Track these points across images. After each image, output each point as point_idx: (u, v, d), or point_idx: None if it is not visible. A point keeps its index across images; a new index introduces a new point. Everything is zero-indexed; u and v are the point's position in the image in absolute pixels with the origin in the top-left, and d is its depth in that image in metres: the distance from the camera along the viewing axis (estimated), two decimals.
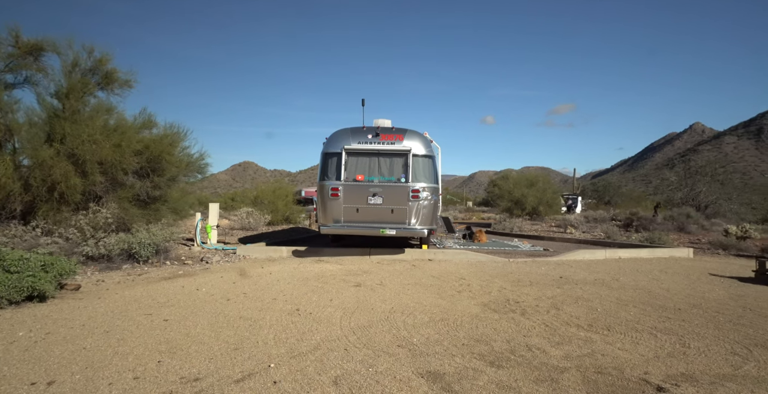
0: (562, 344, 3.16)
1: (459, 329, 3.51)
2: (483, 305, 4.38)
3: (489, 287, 5.32)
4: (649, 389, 2.35)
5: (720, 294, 5.00)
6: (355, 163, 7.61)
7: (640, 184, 32.70)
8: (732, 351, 3.00)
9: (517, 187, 21.19)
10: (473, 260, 7.96)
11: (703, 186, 18.78)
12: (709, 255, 9.09)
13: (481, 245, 11.18)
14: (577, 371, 2.61)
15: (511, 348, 3.03)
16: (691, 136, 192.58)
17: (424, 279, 5.82)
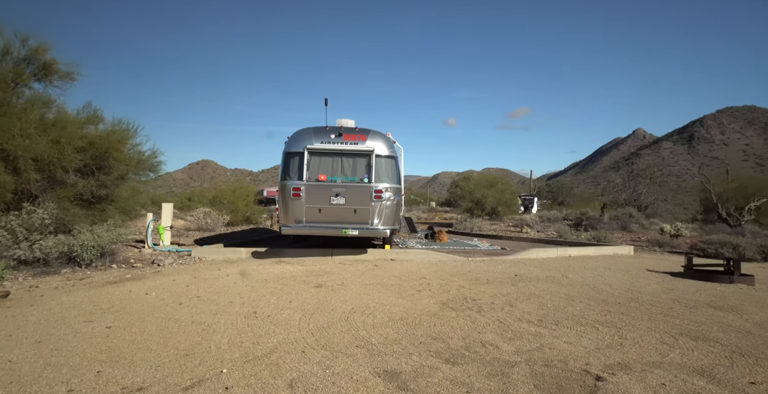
0: (514, 339, 3.30)
1: (417, 327, 3.56)
2: (442, 304, 4.48)
3: (448, 286, 5.44)
4: (589, 379, 2.51)
5: (654, 288, 5.42)
6: (317, 163, 7.53)
7: (590, 186, 34.88)
8: (661, 340, 3.27)
9: (477, 188, 21.86)
10: (434, 259, 8.11)
11: (644, 188, 20.36)
12: (648, 252, 9.84)
13: (443, 244, 11.41)
14: (526, 365, 2.74)
15: (467, 345, 3.12)
16: (634, 141, 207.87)
17: (386, 279, 5.86)
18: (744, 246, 8.35)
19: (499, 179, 22.86)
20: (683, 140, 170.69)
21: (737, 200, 14.86)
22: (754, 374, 2.61)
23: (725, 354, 2.98)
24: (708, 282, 5.87)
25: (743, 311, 4.24)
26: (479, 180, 23.16)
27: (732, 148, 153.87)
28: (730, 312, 4.19)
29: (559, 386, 2.43)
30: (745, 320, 3.89)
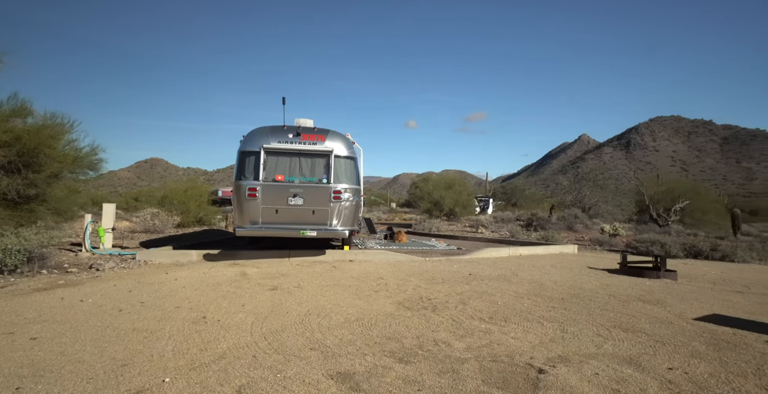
0: (465, 336, 3.42)
1: (373, 328, 3.59)
2: (398, 304, 4.54)
3: (405, 286, 5.52)
4: (532, 372, 2.66)
5: (594, 284, 5.84)
6: (274, 163, 7.36)
7: (541, 188, 36.83)
8: (597, 333, 3.53)
9: (436, 189, 22.35)
10: (392, 259, 8.20)
11: (588, 190, 21.89)
12: (590, 251, 10.57)
13: (401, 245, 11.55)
14: (475, 361, 2.85)
15: (420, 344, 3.19)
16: (579, 146, 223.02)
17: (344, 280, 5.84)
18: (670, 244, 9.22)
19: (456, 181, 23.53)
20: (621, 146, 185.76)
21: (666, 201, 16.39)
22: (672, 361, 2.89)
23: (650, 343, 3.27)
24: (639, 278, 6.41)
25: (666, 303, 4.68)
26: (438, 181, 23.70)
27: (662, 154, 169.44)
28: (656, 305, 4.60)
29: (504, 380, 2.55)
30: (667, 312, 4.29)
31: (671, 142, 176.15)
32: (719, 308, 4.48)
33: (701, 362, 2.86)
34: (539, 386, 2.45)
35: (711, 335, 3.52)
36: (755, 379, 2.59)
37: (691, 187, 18.71)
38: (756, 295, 5.27)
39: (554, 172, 63.18)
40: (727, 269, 7.61)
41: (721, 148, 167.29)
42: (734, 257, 8.51)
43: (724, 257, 8.62)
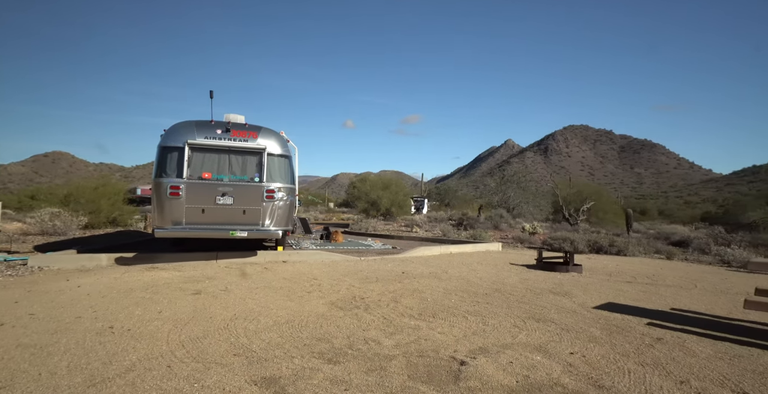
0: (395, 334, 3.51)
1: (303, 329, 3.53)
2: (331, 304, 4.51)
3: (339, 286, 5.51)
4: (455, 364, 2.82)
5: (514, 279, 6.34)
6: (201, 160, 6.89)
7: (471, 189, 39.09)
8: (514, 324, 3.84)
9: (373, 189, 22.61)
10: (327, 260, 8.12)
11: (512, 192, 23.74)
12: (512, 248, 11.45)
13: (337, 244, 11.49)
14: (403, 357, 2.94)
15: (350, 343, 3.21)
16: (506, 150, 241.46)
17: (275, 282, 5.66)
18: (578, 241, 10.33)
19: (393, 181, 24.01)
20: (541, 151, 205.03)
21: (576, 203, 18.39)
22: (573, 346, 3.24)
23: (557, 331, 3.64)
24: (552, 272, 7.09)
25: (572, 294, 5.24)
26: (375, 182, 23.99)
27: (573, 159, 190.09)
28: (564, 296, 5.13)
29: (429, 374, 2.67)
30: (573, 302, 4.81)
31: (581, 149, 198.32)
32: (613, 297, 5.13)
33: (596, 346, 3.25)
34: (460, 377, 2.60)
35: (606, 321, 4.01)
36: (635, 357, 3.00)
37: (596, 190, 21.24)
38: (641, 284, 6.11)
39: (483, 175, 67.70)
40: (621, 262, 8.73)
41: (619, 156, 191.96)
42: (626, 252, 9.81)
43: (619, 251, 9.89)
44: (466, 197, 34.78)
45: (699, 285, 6.14)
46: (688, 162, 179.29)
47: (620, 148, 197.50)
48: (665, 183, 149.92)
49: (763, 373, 2.74)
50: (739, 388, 2.48)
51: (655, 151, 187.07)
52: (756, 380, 2.61)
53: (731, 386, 2.50)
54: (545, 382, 2.55)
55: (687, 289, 5.82)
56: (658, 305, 4.73)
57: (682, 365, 2.85)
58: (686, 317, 4.25)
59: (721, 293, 5.58)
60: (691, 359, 2.96)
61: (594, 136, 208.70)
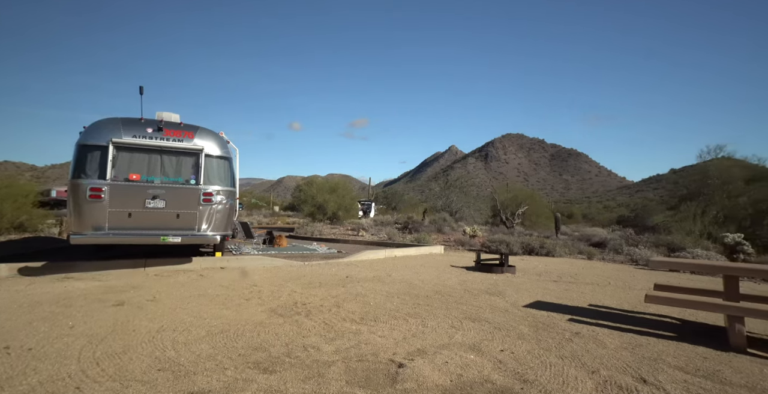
0: (335, 339, 3.50)
1: (239, 339, 3.39)
2: (270, 311, 4.38)
3: (280, 292, 5.37)
4: (393, 367, 2.87)
5: (454, 281, 6.60)
6: (127, 160, 6.36)
7: (417, 193, 40.00)
8: (451, 325, 4.01)
9: (320, 192, 22.27)
10: (269, 265, 7.88)
11: (455, 196, 24.74)
12: (454, 250, 11.91)
13: (281, 249, 11.19)
14: (342, 363, 2.94)
15: (288, 351, 3.15)
16: (449, 156, 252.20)
17: (211, 289, 5.37)
18: (513, 243, 11.03)
19: (340, 185, 23.83)
20: (482, 157, 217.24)
21: (512, 207, 19.65)
22: (504, 344, 3.46)
23: (490, 330, 3.86)
24: (489, 273, 7.49)
25: (505, 294, 5.58)
26: (322, 185, 23.64)
27: (510, 166, 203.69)
28: (498, 296, 5.45)
29: (367, 378, 2.70)
30: (505, 302, 5.13)
31: (517, 156, 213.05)
32: (541, 296, 5.55)
33: (524, 342, 3.50)
34: (397, 379, 2.66)
35: (533, 318, 4.33)
36: (556, 351, 3.28)
37: (530, 195, 22.87)
38: (564, 283, 6.68)
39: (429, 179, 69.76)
40: (549, 262, 9.46)
41: (550, 163, 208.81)
42: (554, 253, 10.66)
43: (548, 252, 10.71)
44: (413, 200, 35.54)
45: (612, 282, 6.85)
46: (606, 170, 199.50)
47: (551, 156, 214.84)
48: (588, 189, 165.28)
49: (656, 359, 3.13)
50: (638, 374, 2.82)
51: (580, 159, 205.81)
52: (651, 366, 2.98)
53: (631, 373, 2.83)
54: (477, 379, 2.69)
55: (602, 286, 6.47)
56: (578, 302, 5.20)
57: (594, 356, 3.16)
58: (600, 312, 4.72)
59: (629, 289, 6.27)
60: (602, 351, 3.30)
61: (529, 145, 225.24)
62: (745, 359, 3.19)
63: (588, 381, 2.68)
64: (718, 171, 14.58)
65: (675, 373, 2.86)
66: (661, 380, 2.71)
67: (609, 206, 64.24)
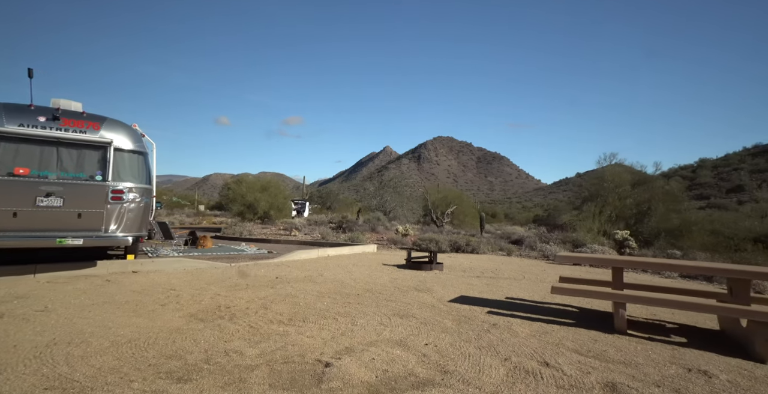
0: (260, 342, 3.37)
1: (150, 348, 3.11)
2: (190, 316, 4.09)
3: (202, 296, 5.03)
4: (320, 367, 2.85)
5: (385, 279, 6.74)
6: (13, 152, 5.52)
7: (353, 193, 40.06)
8: (380, 322, 4.09)
9: (250, 191, 21.27)
10: (191, 267, 7.35)
11: (389, 196, 25.25)
12: (387, 249, 12.14)
13: (205, 250, 10.50)
14: (266, 366, 2.84)
15: (207, 357, 2.96)
16: (384, 156, 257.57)
17: (120, 295, 4.86)
18: (441, 241, 11.57)
19: (273, 183, 22.99)
20: (415, 158, 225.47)
21: (442, 206, 20.63)
22: (428, 338, 3.62)
23: (417, 326, 4.01)
24: (418, 271, 7.77)
25: (433, 290, 5.84)
26: (253, 183, 22.59)
27: (441, 167, 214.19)
28: (426, 292, 5.67)
29: (292, 379, 2.64)
30: (432, 297, 5.36)
31: (447, 158, 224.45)
32: (464, 290, 5.90)
33: (447, 336, 3.69)
34: (323, 379, 2.65)
35: (457, 312, 4.58)
36: (475, 342, 3.52)
37: (458, 196, 24.22)
38: (486, 278, 7.18)
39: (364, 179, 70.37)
40: (473, 259, 10.09)
41: (476, 165, 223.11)
42: (479, 250, 11.40)
43: (473, 250, 11.42)
44: (348, 200, 35.52)
45: (526, 276, 7.52)
46: (525, 173, 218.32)
47: (477, 159, 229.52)
48: (510, 190, 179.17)
49: (558, 344, 3.51)
50: (542, 358, 3.13)
51: (503, 162, 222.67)
52: (553, 350, 3.34)
53: (537, 358, 3.14)
54: (401, 373, 2.78)
55: (518, 280, 7.07)
56: (497, 295, 5.62)
57: (507, 345, 3.44)
58: (515, 304, 5.16)
59: (540, 282, 6.94)
60: (514, 339, 3.61)
61: (458, 147, 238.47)
62: (625, 339, 3.72)
63: (500, 368, 2.92)
64: (611, 176, 16.80)
65: (572, 355, 3.23)
66: (560, 363, 3.04)
67: (527, 206, 70.33)
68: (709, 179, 65.05)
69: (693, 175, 67.36)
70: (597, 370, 2.93)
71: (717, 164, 72.65)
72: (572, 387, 2.62)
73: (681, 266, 4.03)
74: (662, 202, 15.34)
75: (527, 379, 2.73)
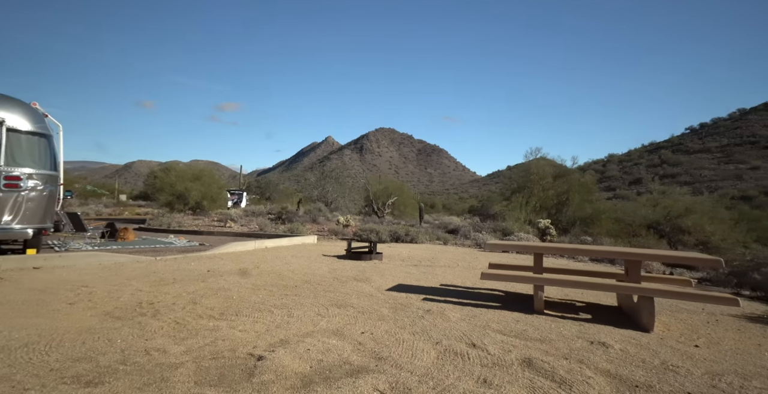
0: (187, 338, 3.18)
1: (53, 351, 2.78)
2: (105, 315, 3.73)
3: (120, 292, 4.62)
4: (252, 361, 2.76)
5: (324, 270, 6.69)
6: None
7: (294, 183, 38.97)
8: (318, 313, 4.06)
9: (180, 180, 19.78)
10: (108, 262, 6.69)
11: (330, 187, 24.98)
12: (327, 240, 12.05)
13: (126, 243, 9.63)
14: (193, 363, 2.69)
15: (124, 358, 2.73)
16: (326, 146, 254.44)
17: (16, 295, 4.28)
18: (382, 232, 11.75)
19: (206, 172, 21.58)
20: (357, 149, 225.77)
21: (384, 197, 20.90)
22: (365, 326, 3.67)
23: (354, 315, 4.04)
24: (358, 261, 7.83)
25: (371, 280, 5.92)
26: (183, 172, 20.99)
27: (383, 158, 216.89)
28: (364, 282, 5.74)
29: (221, 375, 2.53)
30: (371, 287, 5.44)
31: (389, 150, 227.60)
32: (402, 279, 6.06)
33: (383, 323, 3.77)
34: (255, 372, 2.57)
35: (394, 300, 4.70)
36: (410, 328, 3.63)
37: (399, 187, 24.69)
38: (423, 267, 7.45)
39: (305, 169, 68.80)
40: (412, 248, 10.39)
41: (417, 158, 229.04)
42: (417, 240, 11.77)
43: (412, 240, 11.76)
44: (288, 190, 34.49)
45: (460, 264, 7.93)
46: (461, 165, 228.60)
47: (418, 151, 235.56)
48: (447, 182, 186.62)
49: (485, 326, 3.77)
50: (470, 340, 3.34)
51: (441, 155, 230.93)
52: (480, 332, 3.57)
53: (465, 340, 3.34)
54: (336, 362, 2.79)
55: (452, 268, 7.43)
56: (432, 283, 5.85)
57: (439, 329, 3.61)
58: (449, 290, 5.42)
59: (472, 268, 7.36)
60: (446, 324, 3.80)
61: (399, 139, 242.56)
62: (543, 318, 4.09)
63: (432, 351, 3.06)
64: (536, 169, 18.28)
65: (496, 336, 3.48)
66: (485, 343, 3.26)
67: (463, 197, 73.96)
68: (615, 173, 73.86)
69: (603, 169, 76.06)
70: (517, 348, 3.19)
71: (622, 159, 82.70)
72: (495, 365, 2.83)
73: (590, 251, 4.51)
74: (578, 193, 17.03)
75: (455, 360, 2.90)
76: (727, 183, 56.76)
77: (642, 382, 2.63)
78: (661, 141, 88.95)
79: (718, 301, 3.57)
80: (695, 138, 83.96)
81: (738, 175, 59.56)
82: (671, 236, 12.58)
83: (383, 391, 2.37)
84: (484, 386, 2.47)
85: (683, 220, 12.98)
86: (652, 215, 14.27)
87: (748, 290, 6.07)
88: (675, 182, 54.24)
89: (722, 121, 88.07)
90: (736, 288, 6.27)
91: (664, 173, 66.63)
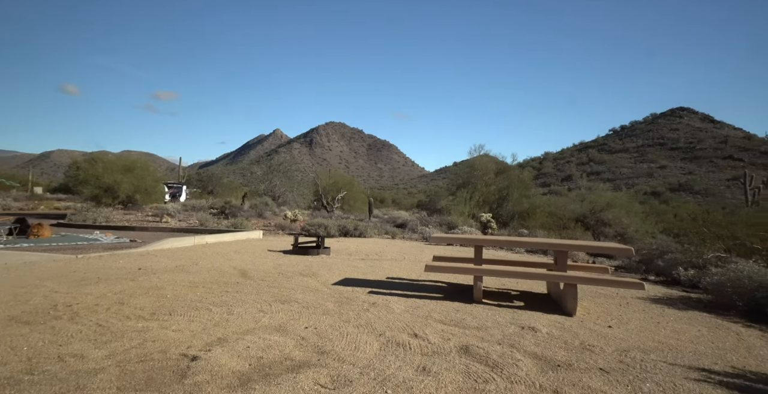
0: (111, 341, 2.92)
1: None
2: (8, 319, 3.33)
3: (30, 294, 4.14)
4: (185, 362, 2.61)
5: (269, 265, 6.49)
6: None
7: (239, 177, 37.19)
8: (260, 309, 3.92)
9: (108, 172, 18.04)
10: (17, 261, 5.98)
11: (278, 180, 24.23)
12: (273, 235, 11.69)
13: (41, 241, 8.65)
14: (116, 367, 2.48)
15: (31, 367, 2.44)
16: (274, 139, 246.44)
17: None
18: (331, 226, 11.64)
19: (139, 164, 19.86)
20: (306, 143, 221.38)
21: (333, 192, 20.70)
22: (309, 321, 3.62)
23: (298, 310, 3.96)
24: (305, 256, 7.69)
25: (318, 274, 5.85)
26: (112, 163, 19.13)
27: (333, 153, 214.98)
28: (310, 277, 5.65)
29: (149, 378, 2.36)
30: (317, 281, 5.37)
31: (339, 144, 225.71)
32: (349, 273, 6.05)
33: (328, 317, 3.74)
34: (188, 374, 2.43)
35: (339, 294, 4.67)
36: (354, 321, 3.64)
37: (349, 181, 24.59)
38: (371, 260, 7.50)
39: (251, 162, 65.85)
40: (360, 243, 10.42)
41: (367, 152, 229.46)
42: (366, 234, 11.82)
43: (361, 234, 11.79)
44: (233, 184, 32.87)
45: (407, 257, 8.09)
46: (410, 161, 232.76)
47: (368, 146, 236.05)
48: (397, 177, 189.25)
49: (427, 317, 3.89)
50: (413, 331, 3.43)
51: (391, 150, 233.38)
52: (422, 323, 3.68)
53: (408, 331, 3.42)
54: (277, 359, 2.72)
55: (399, 261, 7.56)
56: (378, 276, 5.91)
57: (383, 322, 3.66)
58: (395, 283, 5.51)
59: (418, 261, 7.54)
60: (390, 316, 3.86)
61: (350, 134, 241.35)
62: (480, 307, 4.31)
63: (375, 343, 3.09)
64: (480, 165, 19.18)
65: (437, 325, 3.61)
66: (427, 333, 3.37)
67: (412, 192, 75.56)
68: (550, 169, 79.96)
69: (540, 166, 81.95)
70: (456, 336, 3.33)
71: (556, 157, 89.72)
72: (434, 353, 2.93)
73: (525, 243, 4.81)
74: (517, 188, 18.15)
75: (397, 350, 2.95)
76: (641, 180, 64.02)
77: (563, 361, 2.87)
78: (589, 141, 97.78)
79: (627, 285, 3.98)
80: (617, 139, 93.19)
81: (650, 173, 67.36)
82: (595, 228, 13.86)
83: (324, 385, 2.36)
84: (423, 374, 2.55)
85: (605, 213, 14.37)
86: (580, 209, 15.62)
87: (653, 275, 6.87)
88: (600, 179, 59.85)
89: (638, 124, 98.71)
90: (644, 274, 7.05)
91: (591, 171, 73.51)
